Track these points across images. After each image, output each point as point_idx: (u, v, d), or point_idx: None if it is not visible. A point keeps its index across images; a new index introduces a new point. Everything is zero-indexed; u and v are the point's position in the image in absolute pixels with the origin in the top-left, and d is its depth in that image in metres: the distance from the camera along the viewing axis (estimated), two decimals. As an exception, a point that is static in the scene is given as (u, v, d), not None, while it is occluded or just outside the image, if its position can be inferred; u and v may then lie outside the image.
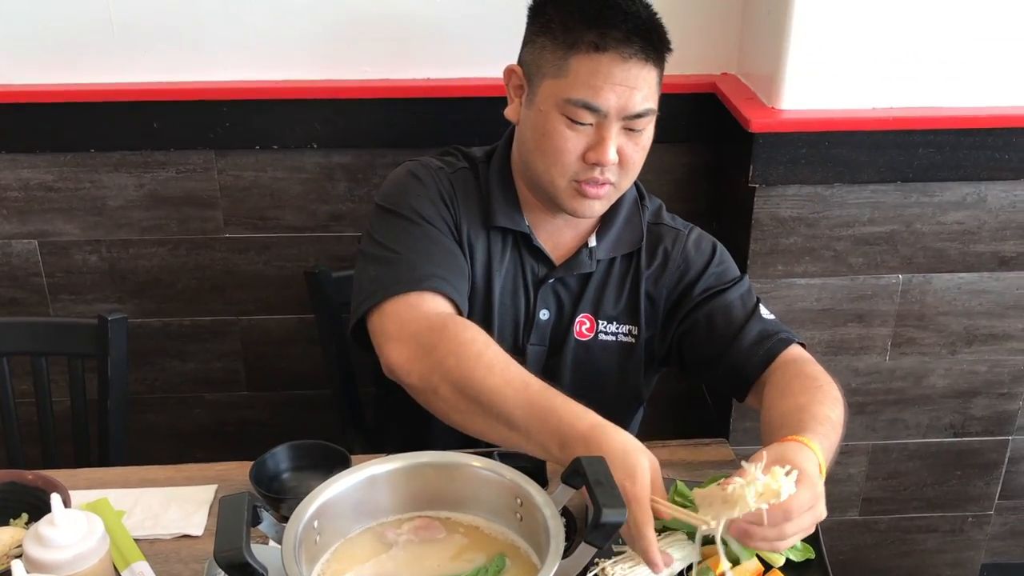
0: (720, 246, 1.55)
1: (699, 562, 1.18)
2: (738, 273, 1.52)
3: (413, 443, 1.23)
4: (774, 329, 1.44)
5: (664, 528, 1.24)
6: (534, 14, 1.40)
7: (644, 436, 1.54)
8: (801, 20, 1.74)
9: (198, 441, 2.26)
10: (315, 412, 2.21)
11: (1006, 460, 2.20)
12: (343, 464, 1.26)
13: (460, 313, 1.35)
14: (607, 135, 1.34)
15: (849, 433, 2.11)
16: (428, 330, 1.27)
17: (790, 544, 1.10)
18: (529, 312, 1.50)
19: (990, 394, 2.11)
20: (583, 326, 1.50)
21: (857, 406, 2.09)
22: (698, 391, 2.27)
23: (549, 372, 1.47)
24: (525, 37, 1.42)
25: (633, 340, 1.51)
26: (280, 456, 1.34)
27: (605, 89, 1.31)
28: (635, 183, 1.53)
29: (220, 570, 0.96)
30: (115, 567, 1.17)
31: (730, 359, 1.43)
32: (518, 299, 1.49)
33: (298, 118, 1.94)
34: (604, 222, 1.49)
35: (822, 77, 1.79)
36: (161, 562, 1.22)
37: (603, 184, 1.38)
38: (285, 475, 1.34)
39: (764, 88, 1.86)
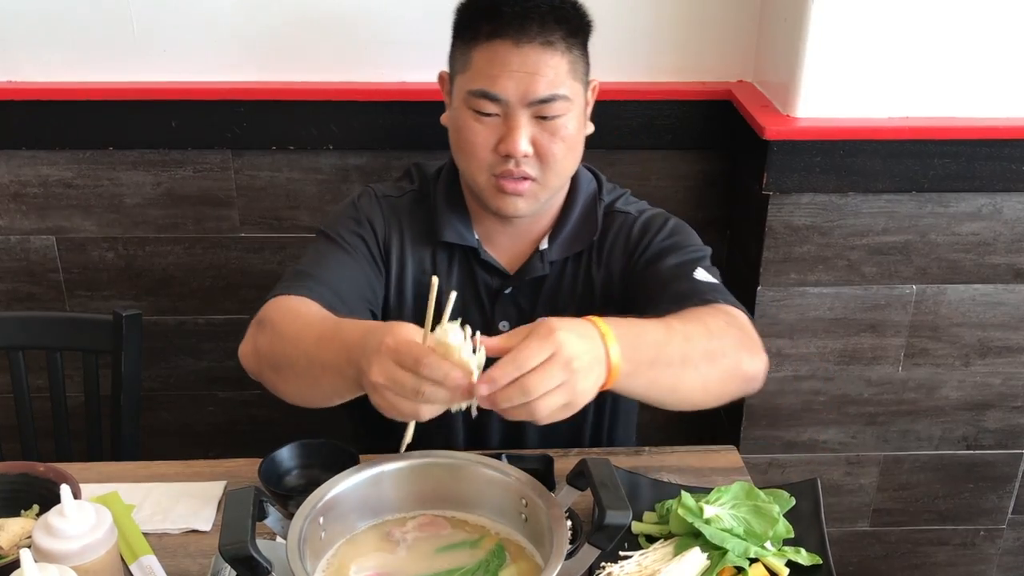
0: (675, 223, 1.47)
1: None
2: (693, 246, 1.43)
3: (421, 447, 1.23)
4: (704, 289, 1.33)
5: (671, 534, 1.24)
6: (454, 19, 1.41)
7: (653, 441, 1.56)
8: (818, 28, 1.74)
9: (210, 439, 2.27)
10: (326, 413, 2.21)
11: (1020, 474, 2.19)
12: (351, 463, 1.27)
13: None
14: (514, 124, 1.32)
15: (860, 443, 2.12)
16: (258, 315, 1.29)
17: (546, 410, 0.97)
18: (487, 325, 1.48)
19: (1004, 407, 2.10)
20: None
21: (869, 416, 2.09)
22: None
23: None
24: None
25: None
26: (289, 454, 1.35)
27: (502, 76, 1.30)
28: (596, 176, 1.52)
29: (227, 565, 0.97)
30: (124, 560, 1.18)
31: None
32: (471, 314, 1.48)
33: (314, 119, 1.95)
34: (558, 224, 1.47)
35: (838, 85, 1.79)
36: (169, 556, 1.23)
37: (522, 179, 1.35)
38: (293, 472, 1.35)
39: (780, 96, 1.86)
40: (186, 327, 2.16)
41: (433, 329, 0.99)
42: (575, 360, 0.97)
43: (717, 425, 2.21)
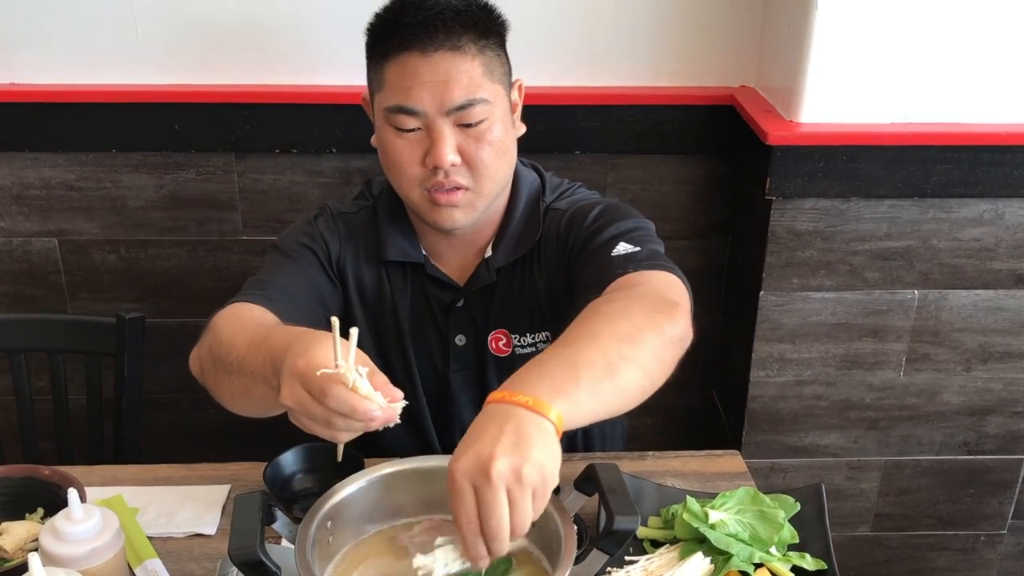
0: (602, 207, 1.41)
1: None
2: (618, 222, 1.36)
3: (426, 451, 1.22)
4: (616, 264, 1.27)
5: (675, 539, 1.25)
6: (365, 40, 1.38)
7: (656, 446, 1.56)
8: (821, 34, 1.74)
9: (212, 442, 2.27)
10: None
11: (1020, 479, 2.19)
12: (356, 467, 1.27)
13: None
14: (437, 135, 1.29)
15: (862, 448, 2.12)
16: (208, 323, 1.27)
17: (527, 525, 0.90)
18: (443, 340, 1.47)
19: (1005, 412, 2.10)
20: (499, 342, 1.46)
21: (870, 421, 2.09)
22: (711, 402, 2.27)
23: (484, 396, 1.09)
24: None
25: None
26: (293, 457, 1.35)
27: (415, 88, 1.28)
28: (540, 175, 1.49)
29: (233, 568, 0.97)
30: (128, 564, 1.18)
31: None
32: (427, 329, 1.47)
33: (317, 122, 1.95)
34: (501, 229, 1.45)
35: (841, 91, 1.79)
36: (174, 560, 1.23)
37: (454, 190, 1.33)
38: (298, 476, 1.35)
39: (782, 101, 1.86)
40: (188, 330, 2.15)
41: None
42: (522, 467, 0.88)
43: (719, 429, 2.21)
